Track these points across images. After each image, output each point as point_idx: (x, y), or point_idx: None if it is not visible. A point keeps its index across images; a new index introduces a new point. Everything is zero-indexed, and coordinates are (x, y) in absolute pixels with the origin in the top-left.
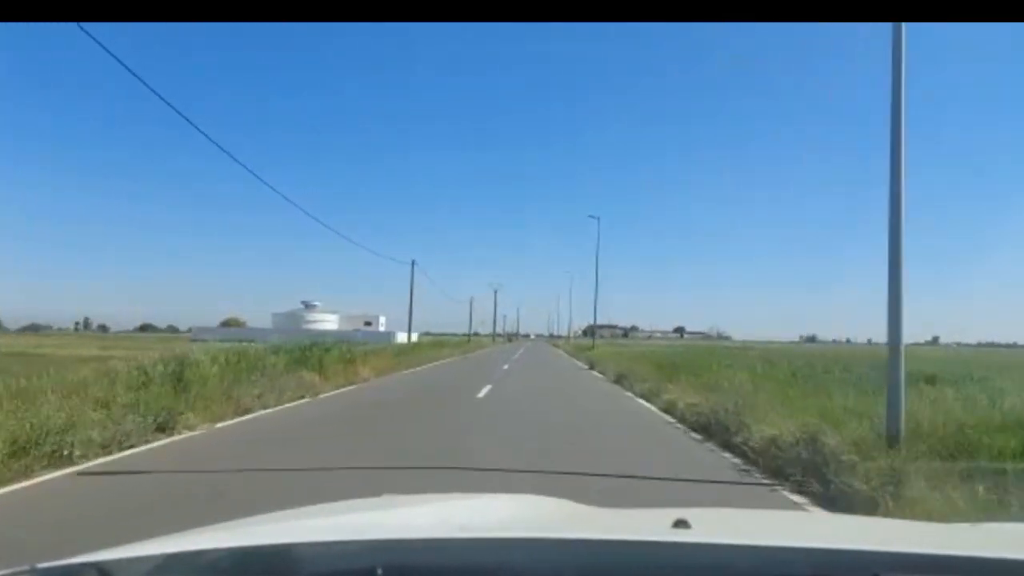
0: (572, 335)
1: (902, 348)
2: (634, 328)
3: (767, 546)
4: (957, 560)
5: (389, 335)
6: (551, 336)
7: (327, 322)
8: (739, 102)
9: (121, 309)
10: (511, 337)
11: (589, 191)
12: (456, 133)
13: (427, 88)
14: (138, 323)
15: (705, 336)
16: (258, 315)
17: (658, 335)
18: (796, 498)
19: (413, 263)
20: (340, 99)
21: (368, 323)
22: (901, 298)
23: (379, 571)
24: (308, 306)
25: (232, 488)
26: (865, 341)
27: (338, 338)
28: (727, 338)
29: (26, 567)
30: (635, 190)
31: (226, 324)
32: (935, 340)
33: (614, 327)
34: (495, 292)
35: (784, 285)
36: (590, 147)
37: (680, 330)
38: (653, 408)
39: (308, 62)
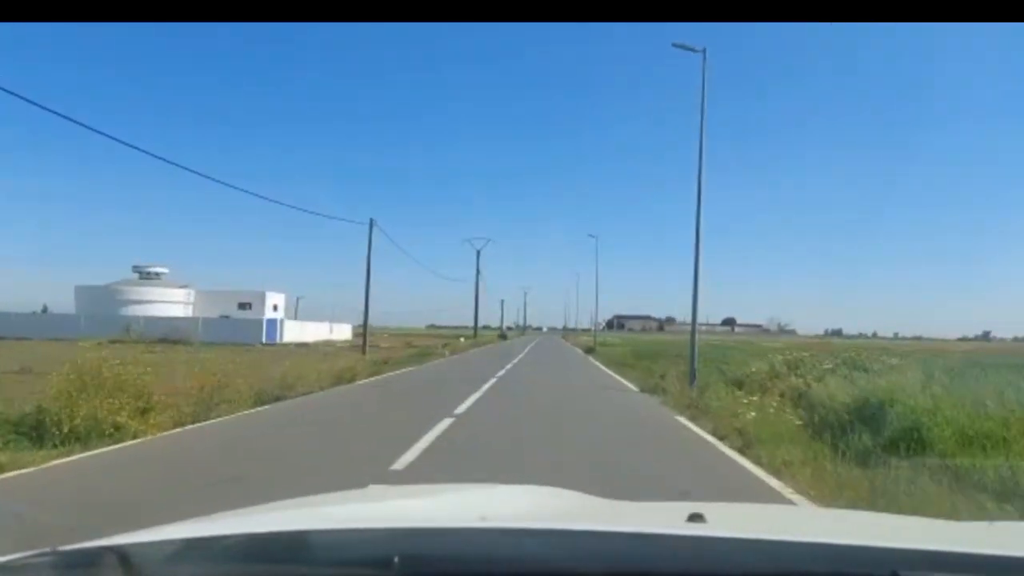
0: (594, 327)
1: None
2: (670, 320)
3: (782, 541)
4: (976, 558)
5: (272, 326)
6: (566, 330)
7: (170, 302)
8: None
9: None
10: (505, 333)
11: (615, 167)
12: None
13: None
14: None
15: (763, 330)
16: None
17: (703, 328)
18: None
19: None
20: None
21: (245, 305)
22: None
23: (396, 559)
24: (144, 275)
25: None
26: (891, 335)
27: (165, 330)
28: (791, 332)
29: (47, 549)
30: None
31: None
32: (986, 335)
33: (647, 318)
34: (478, 253)
35: (815, 275)
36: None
37: (730, 322)
38: None
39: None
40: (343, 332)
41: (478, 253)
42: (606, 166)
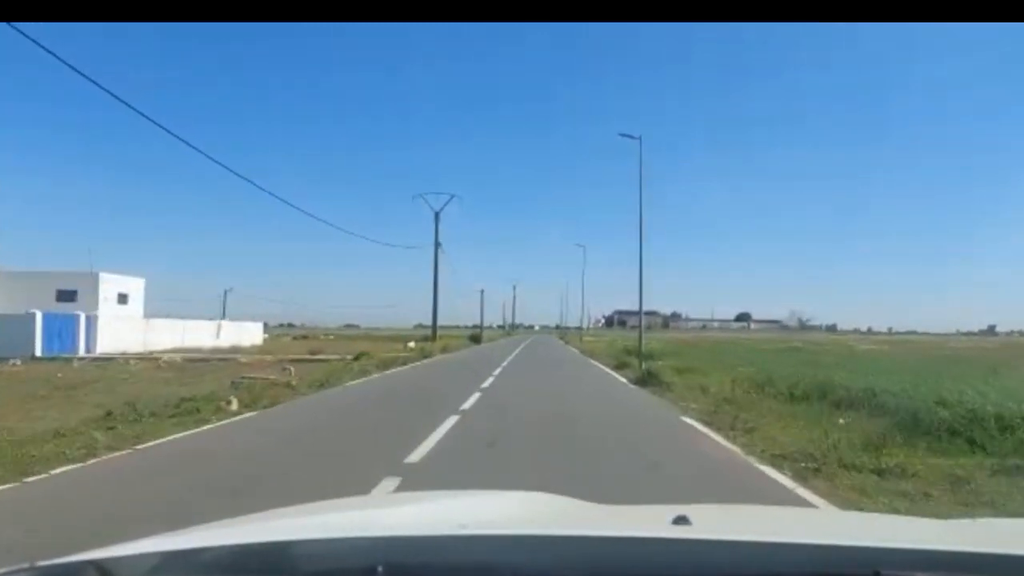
0: (593, 326)
1: None
2: (675, 315)
3: (768, 542)
4: (958, 556)
5: (66, 328)
6: (560, 329)
7: None
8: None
9: None
10: (478, 334)
11: (611, 155)
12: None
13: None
14: None
15: (782, 326)
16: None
17: (715, 324)
18: None
19: None
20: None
21: (67, 294)
22: None
23: (380, 568)
24: None
25: None
26: (886, 330)
27: None
28: (814, 328)
29: (25, 565)
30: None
31: None
32: (991, 329)
33: (652, 314)
34: (436, 215)
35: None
36: (615, 103)
37: (745, 317)
38: None
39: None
40: (248, 335)
41: (437, 215)
42: (599, 162)
